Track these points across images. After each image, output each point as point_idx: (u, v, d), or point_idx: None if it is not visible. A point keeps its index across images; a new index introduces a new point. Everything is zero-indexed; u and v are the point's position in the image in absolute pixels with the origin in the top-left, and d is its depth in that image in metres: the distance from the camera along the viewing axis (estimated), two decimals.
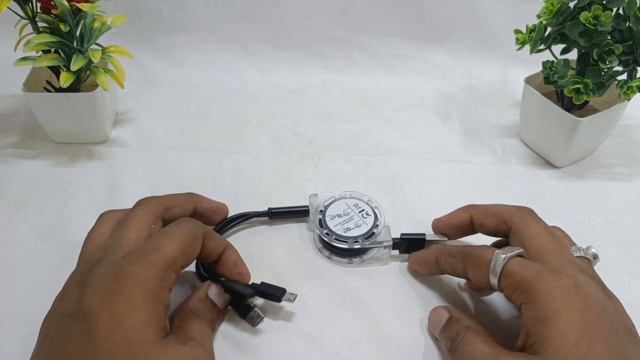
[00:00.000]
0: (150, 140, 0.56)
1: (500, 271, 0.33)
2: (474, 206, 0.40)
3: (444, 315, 0.36)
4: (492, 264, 0.33)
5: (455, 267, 0.37)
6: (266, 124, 0.59)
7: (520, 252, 0.33)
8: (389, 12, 0.65)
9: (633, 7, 0.43)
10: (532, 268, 0.32)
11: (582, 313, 0.29)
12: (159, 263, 0.31)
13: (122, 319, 0.28)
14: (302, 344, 0.37)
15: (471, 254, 0.35)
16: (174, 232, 0.34)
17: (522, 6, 0.64)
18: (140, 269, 0.31)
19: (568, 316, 0.29)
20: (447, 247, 0.38)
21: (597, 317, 0.29)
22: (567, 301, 0.29)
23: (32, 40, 0.46)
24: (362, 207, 0.44)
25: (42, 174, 0.51)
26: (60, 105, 0.50)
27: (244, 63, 0.67)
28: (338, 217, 0.43)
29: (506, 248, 0.34)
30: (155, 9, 0.66)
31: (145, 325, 0.29)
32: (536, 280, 0.31)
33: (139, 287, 0.30)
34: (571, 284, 0.30)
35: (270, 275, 0.42)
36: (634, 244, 0.45)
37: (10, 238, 0.45)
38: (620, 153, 0.55)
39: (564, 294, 0.29)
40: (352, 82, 0.65)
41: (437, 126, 0.59)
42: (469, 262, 0.35)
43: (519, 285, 0.31)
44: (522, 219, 0.36)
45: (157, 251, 0.32)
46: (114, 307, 0.29)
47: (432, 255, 0.39)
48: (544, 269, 0.31)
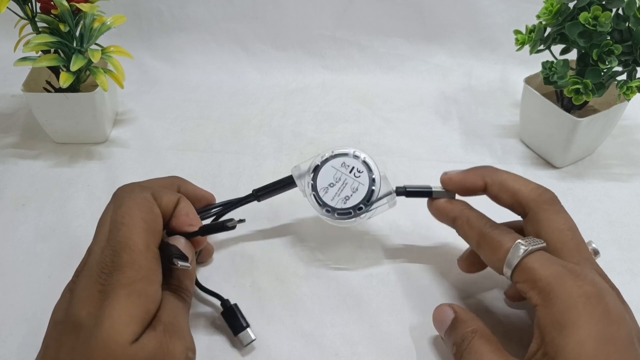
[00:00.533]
0: (150, 140, 0.56)
1: (517, 263, 0.31)
2: (492, 172, 0.37)
3: (449, 314, 0.35)
4: (510, 254, 0.32)
5: (469, 238, 0.35)
6: (266, 124, 0.59)
7: (544, 247, 0.32)
8: (389, 12, 0.65)
9: (633, 7, 0.43)
10: (552, 268, 0.30)
11: (602, 324, 0.28)
12: (136, 260, 0.30)
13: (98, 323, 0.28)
14: (302, 344, 0.37)
15: (490, 235, 0.33)
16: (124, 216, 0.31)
17: (522, 6, 0.64)
18: (124, 278, 0.30)
19: (588, 326, 0.28)
20: (469, 214, 0.36)
21: (616, 328, 0.28)
22: (588, 310, 0.28)
23: (31, 41, 0.46)
24: (350, 164, 0.40)
25: (41, 174, 0.51)
26: (60, 105, 0.50)
27: (243, 63, 0.67)
28: (331, 187, 0.39)
29: (529, 239, 0.32)
30: (155, 9, 0.66)
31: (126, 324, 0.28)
32: (557, 283, 0.29)
33: (124, 289, 0.29)
34: (593, 292, 0.29)
35: (270, 276, 0.42)
36: (634, 244, 0.45)
37: (10, 238, 0.45)
38: (620, 153, 0.55)
39: (586, 302, 0.28)
40: (352, 82, 0.65)
41: (437, 126, 0.59)
42: (485, 242, 0.34)
43: (536, 284, 0.30)
44: (541, 208, 0.34)
45: (127, 250, 0.30)
46: (105, 319, 0.28)
47: (452, 212, 0.37)
48: (566, 272, 0.30)
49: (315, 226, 0.46)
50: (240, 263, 0.43)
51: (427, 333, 0.38)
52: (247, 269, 0.43)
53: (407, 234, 0.46)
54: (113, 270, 0.30)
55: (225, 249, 0.44)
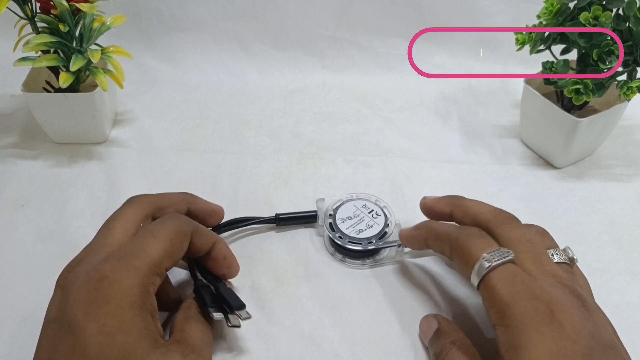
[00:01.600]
0: (150, 140, 0.56)
1: (481, 279, 0.32)
2: (457, 201, 0.39)
3: (433, 325, 0.36)
4: (477, 267, 0.32)
5: (444, 251, 0.36)
6: (266, 124, 0.59)
7: (510, 259, 0.32)
8: (389, 12, 0.65)
9: (633, 7, 0.43)
10: (511, 288, 0.30)
11: (555, 341, 0.28)
12: (143, 268, 0.30)
13: (113, 333, 0.28)
14: (302, 345, 0.37)
15: (459, 244, 0.34)
16: (160, 230, 0.33)
17: (522, 6, 0.64)
18: (123, 276, 0.30)
19: (540, 345, 0.28)
20: (435, 228, 0.37)
21: (572, 343, 0.28)
22: (541, 330, 0.28)
23: (31, 41, 0.46)
24: (371, 207, 0.44)
25: (41, 174, 0.51)
26: (60, 105, 0.50)
27: (243, 63, 0.67)
28: (349, 220, 0.43)
29: (495, 252, 0.32)
30: (155, 9, 0.66)
31: (138, 339, 0.28)
32: (513, 303, 0.30)
33: (124, 297, 0.29)
34: (547, 310, 0.29)
35: (270, 276, 0.42)
36: (633, 244, 0.45)
37: (9, 238, 0.45)
38: (620, 154, 0.55)
39: (539, 322, 0.28)
40: (352, 82, 0.65)
41: (437, 126, 0.59)
42: (455, 252, 0.34)
43: (496, 304, 0.30)
44: (498, 225, 0.35)
45: (142, 254, 0.31)
46: (101, 320, 0.28)
47: (420, 236, 0.38)
48: (522, 290, 0.30)
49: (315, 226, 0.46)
50: (240, 263, 0.43)
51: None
52: (247, 269, 0.42)
53: None
54: (118, 269, 0.30)
55: None
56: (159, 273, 0.31)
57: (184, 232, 0.34)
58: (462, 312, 0.39)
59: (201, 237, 0.36)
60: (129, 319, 0.28)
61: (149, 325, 0.29)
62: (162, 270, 0.32)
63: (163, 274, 0.32)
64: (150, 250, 0.31)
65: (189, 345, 0.31)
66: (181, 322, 0.33)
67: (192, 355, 0.30)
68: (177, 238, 0.33)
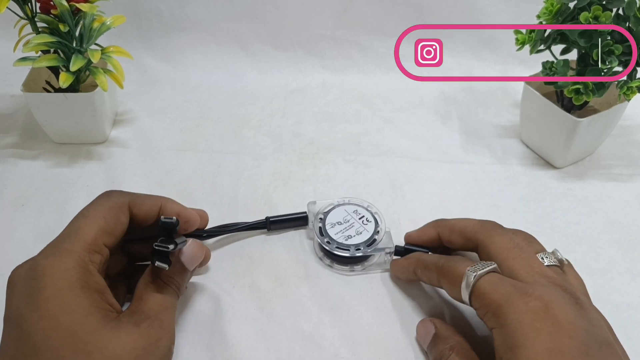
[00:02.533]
0: (150, 140, 0.56)
1: (470, 291, 0.32)
2: (442, 222, 0.40)
3: (430, 329, 0.36)
4: (464, 282, 0.32)
5: (431, 280, 0.36)
6: (266, 124, 0.59)
7: (493, 268, 0.32)
8: (389, 12, 0.65)
9: (633, 7, 0.43)
10: (501, 289, 0.30)
11: (551, 337, 0.28)
12: (76, 249, 0.31)
13: (55, 316, 0.28)
14: (301, 345, 0.37)
15: (445, 267, 0.34)
16: (90, 210, 0.33)
17: (522, 6, 0.64)
18: (56, 261, 0.30)
19: (537, 342, 0.28)
20: (423, 259, 0.38)
21: (568, 339, 0.28)
22: (536, 326, 0.28)
23: (31, 41, 0.46)
24: (362, 213, 0.44)
25: (41, 174, 0.51)
26: (60, 105, 0.50)
27: (243, 63, 0.67)
28: (338, 225, 0.43)
29: (478, 264, 0.33)
30: (155, 9, 0.66)
31: (85, 317, 0.29)
32: (505, 303, 0.30)
33: (61, 280, 0.29)
34: (540, 306, 0.29)
35: (269, 276, 0.42)
36: (633, 244, 0.45)
37: (9, 238, 0.45)
38: (620, 154, 0.55)
39: (533, 318, 0.28)
40: (352, 82, 0.65)
41: (436, 126, 0.59)
42: (443, 277, 0.35)
43: (489, 308, 0.30)
44: (485, 235, 0.35)
45: (73, 236, 0.31)
46: (41, 306, 0.28)
47: (410, 266, 0.39)
48: (514, 291, 0.30)
49: None
50: (240, 263, 0.43)
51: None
52: (246, 269, 0.42)
53: None
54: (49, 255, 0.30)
55: (225, 249, 0.44)
56: (98, 250, 0.32)
57: (117, 206, 0.34)
58: (460, 314, 0.39)
59: (142, 205, 0.35)
60: (70, 300, 0.29)
61: (95, 303, 0.30)
62: (101, 247, 0.32)
63: (104, 251, 0.32)
64: (82, 230, 0.32)
65: (144, 313, 0.32)
66: (140, 290, 0.34)
67: (146, 321, 0.31)
68: (111, 213, 0.33)
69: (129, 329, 0.30)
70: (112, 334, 0.29)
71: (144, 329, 0.30)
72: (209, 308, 0.39)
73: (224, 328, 0.38)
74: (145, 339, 0.30)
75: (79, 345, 0.28)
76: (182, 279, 0.36)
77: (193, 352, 0.37)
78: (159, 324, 0.32)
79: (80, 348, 0.28)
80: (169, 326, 0.33)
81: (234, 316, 0.39)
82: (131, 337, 0.30)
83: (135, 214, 0.35)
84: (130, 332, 0.30)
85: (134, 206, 0.35)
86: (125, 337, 0.29)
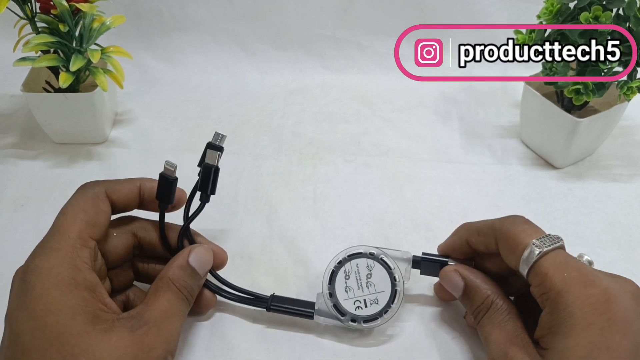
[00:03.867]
0: (150, 140, 0.56)
1: (531, 266, 0.30)
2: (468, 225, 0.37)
3: (458, 282, 0.34)
4: (525, 255, 0.31)
5: (488, 246, 0.34)
6: (266, 124, 0.58)
7: (561, 245, 0.31)
8: (389, 12, 0.65)
9: (633, 7, 0.43)
10: (564, 274, 0.29)
11: (602, 332, 0.27)
12: (61, 247, 0.30)
13: (42, 316, 0.28)
14: (301, 344, 0.37)
15: (504, 233, 0.33)
16: (67, 207, 0.33)
17: (522, 6, 0.64)
18: (42, 260, 0.30)
19: (582, 335, 0.27)
20: (475, 225, 0.36)
21: (620, 337, 0.27)
22: (589, 320, 0.28)
23: (31, 41, 0.46)
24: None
25: (41, 175, 0.51)
26: (60, 105, 0.50)
27: (243, 63, 0.67)
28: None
29: (545, 238, 0.31)
30: (155, 9, 0.66)
31: (71, 318, 0.28)
32: (565, 290, 0.29)
33: (47, 279, 0.29)
34: (601, 300, 0.28)
35: (270, 276, 0.42)
36: (634, 244, 0.45)
37: (9, 239, 0.45)
38: (620, 154, 0.55)
39: (588, 311, 0.28)
40: (352, 82, 0.65)
41: (436, 127, 0.59)
42: (501, 241, 0.33)
43: (546, 291, 0.30)
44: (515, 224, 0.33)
45: (57, 234, 0.31)
46: (29, 306, 0.28)
47: (461, 238, 0.37)
48: (578, 278, 0.29)
49: (315, 226, 0.46)
50: (240, 263, 0.43)
51: (426, 333, 0.38)
52: (247, 269, 0.42)
53: (407, 234, 0.46)
54: (37, 255, 0.30)
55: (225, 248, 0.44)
56: (84, 244, 0.31)
57: (94, 196, 0.33)
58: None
59: (120, 190, 0.35)
60: (57, 299, 0.28)
61: (83, 302, 0.29)
62: (87, 241, 0.32)
63: (90, 244, 0.32)
64: (64, 227, 0.31)
65: (143, 318, 0.30)
66: (149, 293, 0.33)
67: (142, 328, 0.29)
68: (89, 204, 0.33)
69: (122, 333, 0.29)
70: (101, 337, 0.28)
71: (138, 335, 0.29)
72: None
73: (224, 328, 0.38)
74: (137, 346, 0.29)
75: (65, 347, 0.27)
76: (194, 285, 0.34)
77: (193, 352, 0.37)
78: (156, 332, 0.30)
79: (67, 350, 0.27)
80: (168, 336, 0.31)
81: (234, 316, 0.39)
82: (122, 342, 0.28)
83: (115, 200, 0.35)
84: (122, 338, 0.28)
85: (111, 192, 0.34)
86: (116, 341, 0.28)
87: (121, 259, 0.36)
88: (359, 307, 0.36)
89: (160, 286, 0.33)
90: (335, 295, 0.36)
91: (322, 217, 0.47)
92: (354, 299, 0.36)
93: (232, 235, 0.45)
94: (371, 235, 0.46)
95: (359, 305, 0.36)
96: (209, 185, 0.38)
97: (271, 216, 0.47)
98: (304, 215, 0.47)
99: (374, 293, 0.36)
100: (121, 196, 0.35)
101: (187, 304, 0.33)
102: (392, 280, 0.36)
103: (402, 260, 0.38)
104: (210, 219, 0.46)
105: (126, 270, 0.37)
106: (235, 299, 0.38)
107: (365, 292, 0.36)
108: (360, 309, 0.36)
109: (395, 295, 0.36)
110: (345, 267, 0.37)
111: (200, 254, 0.35)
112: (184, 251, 0.35)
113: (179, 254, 0.35)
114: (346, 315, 0.36)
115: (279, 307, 0.37)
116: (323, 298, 0.37)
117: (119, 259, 0.36)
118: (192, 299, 0.34)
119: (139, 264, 0.38)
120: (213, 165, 0.38)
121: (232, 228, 0.46)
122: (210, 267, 0.36)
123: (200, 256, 0.35)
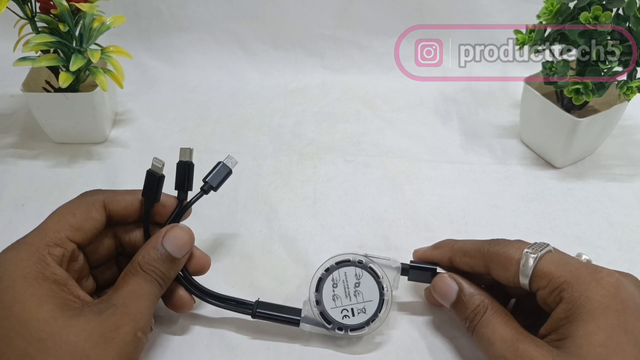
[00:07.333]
0: (150, 140, 0.56)
1: (531, 272, 0.31)
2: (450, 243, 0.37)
3: (453, 287, 0.35)
4: (522, 265, 0.31)
5: (475, 267, 0.35)
6: (265, 124, 0.58)
7: (550, 249, 0.32)
8: (389, 12, 0.65)
9: (633, 7, 0.43)
10: (569, 267, 0.30)
11: (618, 314, 0.28)
12: (34, 243, 0.31)
13: (9, 306, 0.29)
14: (301, 344, 0.37)
15: (493, 252, 0.33)
16: (60, 208, 0.34)
17: (522, 6, 0.64)
18: (13, 254, 0.31)
19: (602, 318, 0.28)
20: (461, 246, 0.36)
21: (634, 319, 0.28)
22: (605, 303, 0.28)
23: (31, 40, 0.46)
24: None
25: (41, 174, 0.51)
26: (59, 105, 0.50)
27: (243, 63, 0.67)
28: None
29: (534, 246, 0.32)
30: (155, 9, 0.66)
31: (38, 306, 0.29)
32: (575, 280, 0.29)
33: (15, 271, 0.30)
34: (612, 283, 0.29)
35: (269, 276, 0.42)
36: (634, 244, 0.45)
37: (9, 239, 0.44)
38: (620, 153, 0.55)
39: (603, 294, 0.28)
40: (352, 82, 0.65)
41: (436, 127, 0.59)
42: (492, 262, 0.33)
43: (556, 287, 0.30)
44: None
45: (36, 231, 0.32)
46: None
47: (443, 256, 0.37)
48: (584, 268, 0.30)
49: (315, 226, 0.46)
50: (240, 263, 0.43)
51: (426, 332, 0.38)
52: (247, 269, 0.42)
53: (407, 234, 0.46)
54: (10, 249, 0.31)
55: (225, 248, 0.44)
56: (59, 244, 0.32)
57: (89, 203, 0.35)
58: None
59: (120, 201, 0.36)
60: (24, 290, 0.29)
61: (52, 293, 0.30)
62: (64, 241, 0.32)
63: (67, 245, 0.32)
64: (46, 225, 0.33)
65: (111, 301, 0.31)
66: (119, 279, 0.33)
67: (109, 309, 0.30)
68: (81, 209, 0.34)
69: (89, 317, 0.29)
70: (68, 322, 0.29)
71: (104, 317, 0.30)
72: (209, 307, 0.39)
73: (224, 328, 0.38)
74: (104, 325, 0.29)
75: (31, 334, 0.28)
76: (166, 268, 0.33)
77: (193, 352, 0.37)
78: (122, 311, 0.30)
79: (33, 336, 0.28)
80: (135, 313, 0.31)
81: (233, 316, 0.39)
82: (89, 324, 0.29)
83: (113, 210, 0.36)
84: (89, 320, 0.29)
85: (110, 202, 0.35)
86: (83, 324, 0.29)
87: (103, 259, 0.37)
88: (346, 316, 0.36)
89: (129, 270, 0.33)
90: (322, 304, 0.36)
91: (322, 217, 0.47)
92: (341, 308, 0.36)
93: (232, 235, 0.45)
94: (371, 235, 0.46)
95: (346, 314, 0.36)
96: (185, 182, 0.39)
97: (271, 216, 0.47)
98: (304, 215, 0.47)
99: (361, 302, 0.36)
100: (119, 207, 0.36)
101: (156, 285, 0.33)
102: (380, 289, 0.36)
103: (390, 269, 0.37)
104: (210, 219, 0.46)
105: (111, 267, 0.38)
106: (220, 305, 0.37)
107: (353, 301, 0.36)
108: (348, 318, 0.35)
109: (383, 304, 0.36)
110: (333, 275, 0.36)
111: (175, 236, 0.34)
112: (159, 233, 0.34)
113: (153, 236, 0.35)
114: (333, 323, 0.36)
115: (264, 313, 0.36)
116: (310, 305, 0.36)
117: (101, 259, 0.37)
118: (166, 282, 0.34)
119: (123, 259, 0.38)
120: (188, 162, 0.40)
121: (232, 228, 0.46)
122: (190, 249, 0.35)
123: (174, 238, 0.34)
